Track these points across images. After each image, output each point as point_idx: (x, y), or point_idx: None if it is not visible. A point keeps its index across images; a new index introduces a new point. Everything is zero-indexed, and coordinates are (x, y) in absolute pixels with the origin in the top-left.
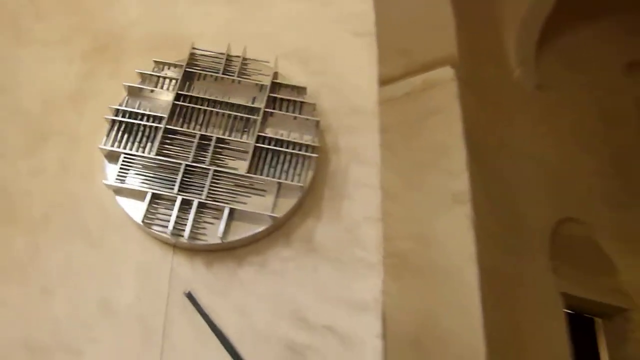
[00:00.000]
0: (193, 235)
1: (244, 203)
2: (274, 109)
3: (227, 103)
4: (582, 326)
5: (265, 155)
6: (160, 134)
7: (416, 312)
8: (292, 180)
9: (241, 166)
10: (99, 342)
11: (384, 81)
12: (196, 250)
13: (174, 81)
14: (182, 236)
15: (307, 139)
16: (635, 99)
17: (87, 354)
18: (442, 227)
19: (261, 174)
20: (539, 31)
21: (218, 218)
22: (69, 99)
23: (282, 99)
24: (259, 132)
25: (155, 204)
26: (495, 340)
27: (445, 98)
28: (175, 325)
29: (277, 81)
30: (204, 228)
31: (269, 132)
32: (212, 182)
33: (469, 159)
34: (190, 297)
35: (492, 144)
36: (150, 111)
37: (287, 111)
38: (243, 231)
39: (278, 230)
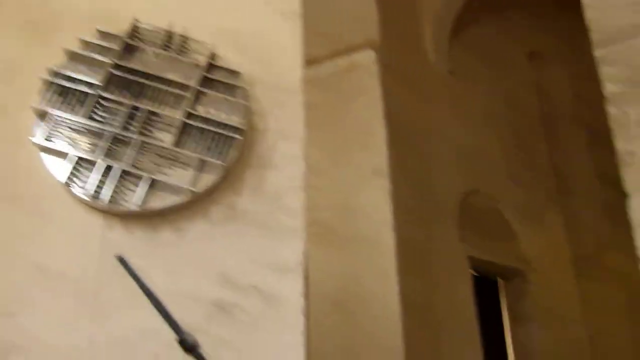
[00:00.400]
0: (114, 200)
1: (167, 175)
2: (207, 88)
3: (162, 78)
4: (485, 286)
5: (193, 131)
6: (93, 99)
7: (339, 276)
8: (215, 158)
9: (168, 139)
10: (32, 305)
11: (310, 61)
12: (126, 215)
13: (113, 51)
14: (104, 200)
15: (234, 120)
16: (536, 86)
17: (21, 316)
18: (363, 199)
19: (186, 149)
20: (452, 21)
21: (139, 186)
22: (5, 71)
23: (216, 80)
24: (189, 109)
25: (80, 167)
26: (410, 300)
27: (367, 80)
28: (106, 288)
29: (214, 62)
30: (125, 194)
31: (199, 110)
32: (137, 151)
33: (389, 137)
34: (121, 260)
35: (410, 123)
36: (86, 77)
37: (219, 92)
38: (163, 201)
39: (207, 198)
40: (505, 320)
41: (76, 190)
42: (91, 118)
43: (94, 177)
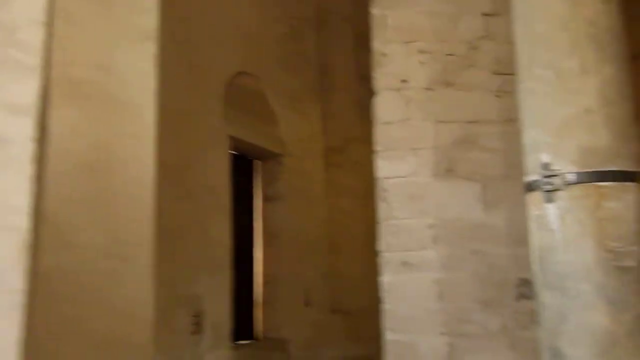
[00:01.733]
0: None
1: None
2: None
3: None
4: (243, 166)
5: None
6: None
7: (89, 139)
8: None
9: None
10: None
11: None
12: None
13: None
14: None
15: None
16: None
17: None
18: (125, 60)
19: None
20: None
21: None
22: None
23: None
24: None
25: None
26: (166, 168)
27: None
28: None
29: None
30: None
31: None
32: None
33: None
34: None
35: None
36: None
37: None
38: None
39: None
40: (257, 198)
41: None
42: None
43: None
